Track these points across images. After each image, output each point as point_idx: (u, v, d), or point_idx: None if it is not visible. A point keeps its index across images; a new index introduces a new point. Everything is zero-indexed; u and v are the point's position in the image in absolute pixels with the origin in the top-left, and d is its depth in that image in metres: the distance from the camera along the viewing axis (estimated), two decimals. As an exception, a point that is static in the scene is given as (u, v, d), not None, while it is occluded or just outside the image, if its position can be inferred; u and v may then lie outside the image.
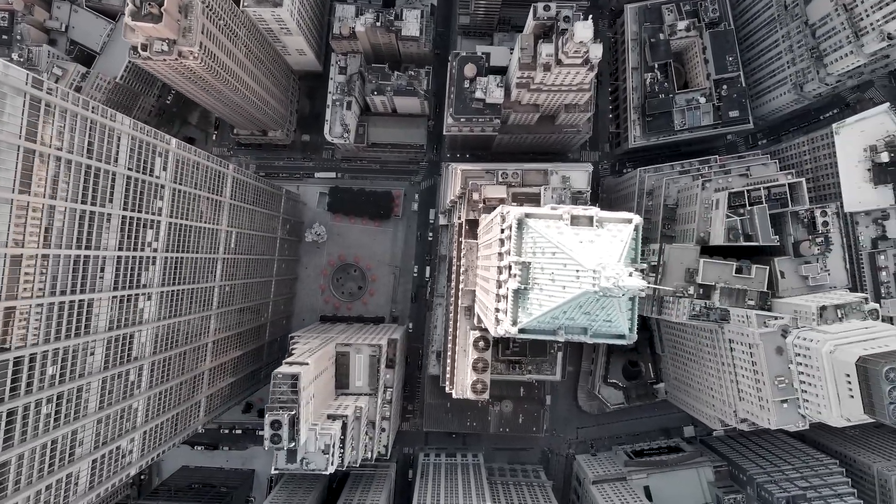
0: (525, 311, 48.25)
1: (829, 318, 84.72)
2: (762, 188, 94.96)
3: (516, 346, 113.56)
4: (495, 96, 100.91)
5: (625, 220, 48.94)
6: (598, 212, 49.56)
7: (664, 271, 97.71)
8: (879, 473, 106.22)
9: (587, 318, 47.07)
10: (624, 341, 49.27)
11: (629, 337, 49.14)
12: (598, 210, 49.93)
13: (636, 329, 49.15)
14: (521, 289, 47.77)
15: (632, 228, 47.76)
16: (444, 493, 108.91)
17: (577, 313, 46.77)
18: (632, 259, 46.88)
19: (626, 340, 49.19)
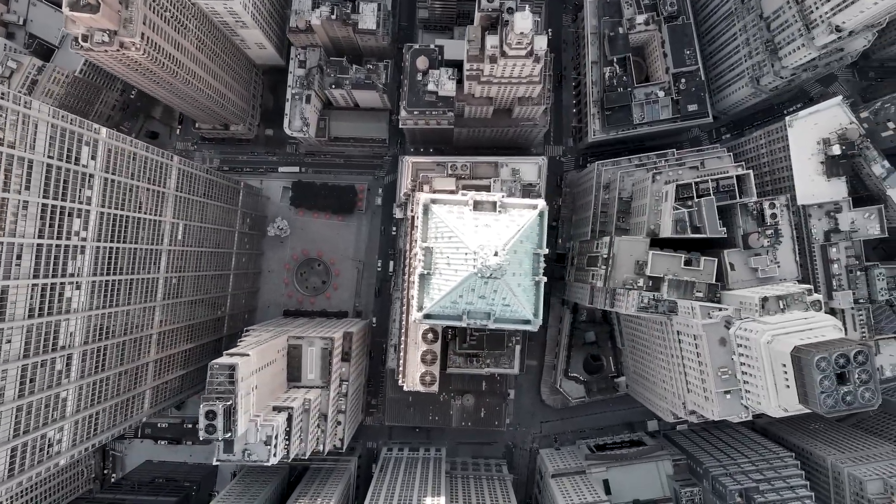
0: (429, 296, 48.22)
1: (771, 308, 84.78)
2: (709, 180, 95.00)
3: (473, 340, 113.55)
4: (447, 89, 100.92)
5: (530, 205, 48.91)
6: (503, 197, 49.54)
7: (614, 263, 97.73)
8: (833, 466, 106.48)
9: (485, 303, 47.04)
10: (529, 327, 49.15)
11: (534, 322, 49.04)
12: (502, 196, 49.93)
13: (541, 315, 49.09)
14: (424, 274, 47.74)
15: (535, 214, 47.69)
16: (401, 486, 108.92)
17: (474, 297, 46.72)
18: (535, 243, 46.80)
19: (531, 326, 49.09)
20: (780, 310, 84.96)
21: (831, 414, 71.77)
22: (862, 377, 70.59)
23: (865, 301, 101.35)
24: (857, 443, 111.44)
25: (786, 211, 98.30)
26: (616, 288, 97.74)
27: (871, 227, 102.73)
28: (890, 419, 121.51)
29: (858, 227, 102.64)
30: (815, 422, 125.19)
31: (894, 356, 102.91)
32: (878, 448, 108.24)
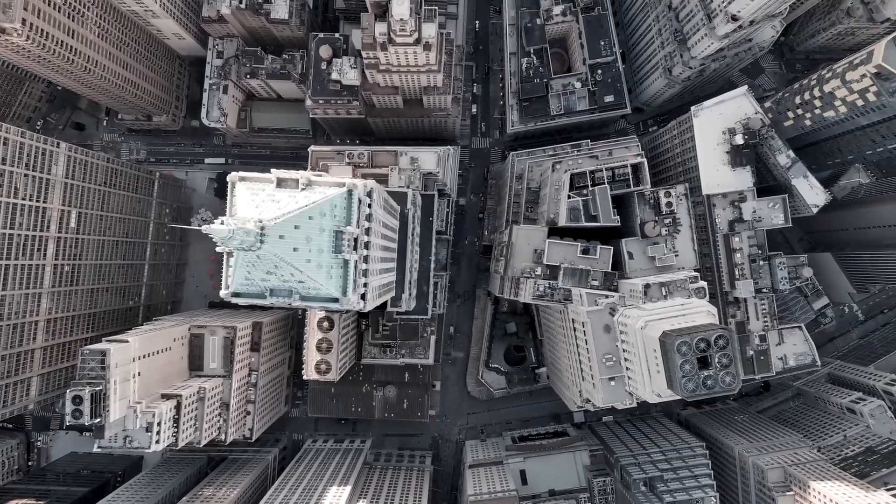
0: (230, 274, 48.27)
1: (654, 295, 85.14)
2: (603, 169, 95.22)
3: (386, 330, 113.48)
4: (350, 77, 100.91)
5: (337, 184, 49.05)
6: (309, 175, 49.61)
7: (512, 252, 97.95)
8: (740, 456, 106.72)
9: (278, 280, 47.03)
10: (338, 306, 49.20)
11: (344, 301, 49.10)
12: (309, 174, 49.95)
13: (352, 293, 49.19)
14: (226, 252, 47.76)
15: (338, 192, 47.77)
16: (311, 476, 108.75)
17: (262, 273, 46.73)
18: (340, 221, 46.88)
19: (339, 305, 49.13)
20: (663, 296, 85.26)
21: (693, 398, 72.01)
22: (723, 361, 70.87)
23: (768, 290, 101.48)
24: (768, 433, 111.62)
25: (684, 200, 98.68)
26: (514, 276, 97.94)
27: (775, 216, 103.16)
28: (808, 410, 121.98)
29: (763, 217, 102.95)
30: (739, 414, 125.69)
31: (797, 345, 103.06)
32: (785, 438, 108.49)
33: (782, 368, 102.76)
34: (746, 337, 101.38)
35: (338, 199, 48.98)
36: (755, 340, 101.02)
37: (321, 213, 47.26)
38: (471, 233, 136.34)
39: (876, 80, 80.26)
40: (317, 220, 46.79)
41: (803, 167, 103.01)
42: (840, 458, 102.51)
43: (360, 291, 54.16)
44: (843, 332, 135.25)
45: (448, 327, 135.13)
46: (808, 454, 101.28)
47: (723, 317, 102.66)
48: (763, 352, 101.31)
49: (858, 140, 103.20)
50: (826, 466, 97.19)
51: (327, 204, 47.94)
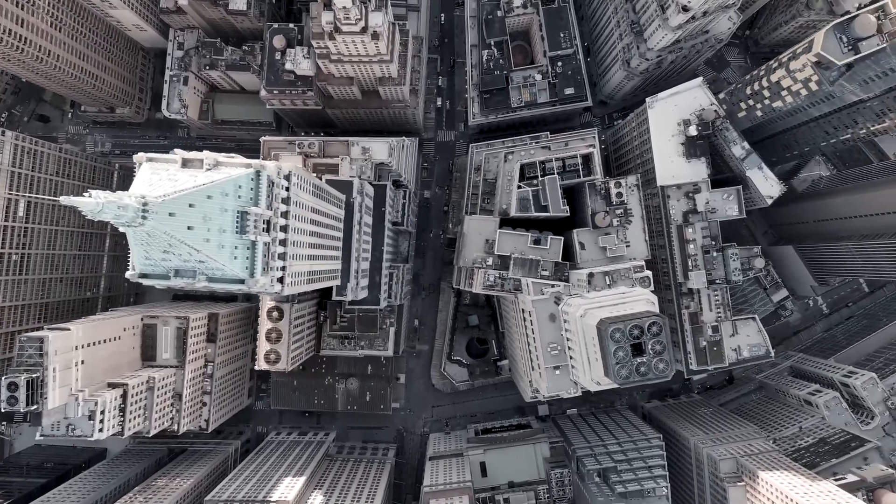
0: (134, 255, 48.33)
1: (598, 284, 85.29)
2: (554, 159, 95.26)
3: (344, 321, 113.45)
4: (303, 68, 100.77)
5: (244, 164, 49.14)
6: (218, 156, 49.69)
7: (464, 242, 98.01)
8: (695, 447, 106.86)
9: (179, 259, 46.91)
10: (244, 287, 49.30)
11: (249, 283, 49.17)
12: (218, 155, 50.03)
13: (259, 273, 49.25)
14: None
15: (242, 172, 47.83)
16: (269, 467, 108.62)
17: (160, 253, 46.67)
18: (246, 201, 46.94)
19: (245, 287, 49.23)
20: (607, 285, 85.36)
21: (627, 384, 72.20)
22: (656, 348, 71.01)
23: (722, 281, 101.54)
24: (726, 425, 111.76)
25: (636, 190, 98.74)
26: (466, 266, 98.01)
27: (729, 207, 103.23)
28: (768, 403, 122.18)
29: (717, 208, 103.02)
30: (703, 407, 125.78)
31: (751, 336, 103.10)
32: (741, 429, 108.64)
33: (736, 359, 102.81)
34: (700, 328, 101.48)
35: (243, 179, 48.98)
36: (708, 331, 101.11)
37: (223, 192, 47.23)
38: (436, 225, 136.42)
39: (816, 69, 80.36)
40: (217, 199, 46.75)
41: (758, 158, 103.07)
42: (794, 449, 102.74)
43: (274, 275, 54.17)
44: (807, 325, 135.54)
45: (413, 320, 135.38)
46: (762, 445, 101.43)
47: (676, 308, 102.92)
48: (716, 342, 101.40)
49: (813, 132, 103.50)
50: (777, 457, 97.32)
51: (230, 184, 47.94)
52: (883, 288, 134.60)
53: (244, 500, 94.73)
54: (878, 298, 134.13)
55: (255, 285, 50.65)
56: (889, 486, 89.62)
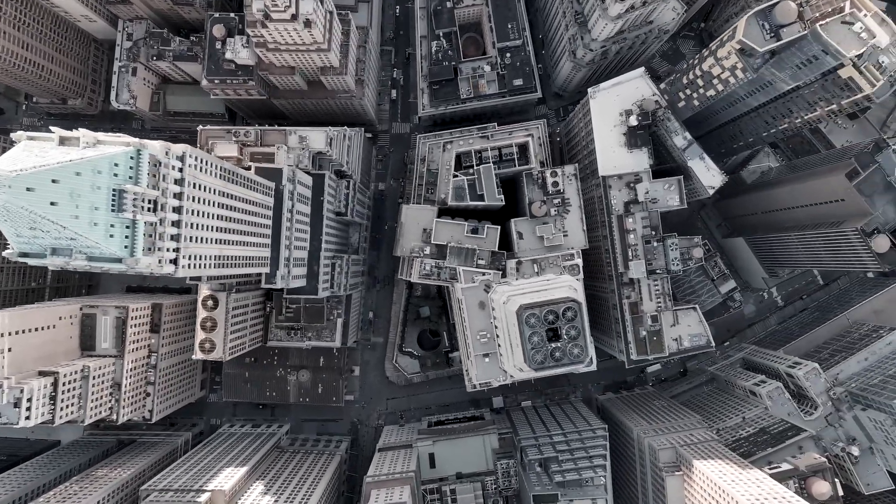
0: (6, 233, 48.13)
1: (526, 272, 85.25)
2: (489, 148, 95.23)
3: (290, 312, 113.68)
4: (242, 57, 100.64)
5: (123, 142, 49.05)
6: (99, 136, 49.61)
7: (401, 231, 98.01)
8: (638, 438, 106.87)
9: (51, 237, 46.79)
10: (122, 266, 49.21)
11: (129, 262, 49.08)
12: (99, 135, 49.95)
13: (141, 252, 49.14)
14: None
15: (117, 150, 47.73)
16: (210, 459, 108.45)
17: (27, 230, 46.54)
18: (122, 179, 46.86)
19: (123, 266, 49.13)
20: (535, 273, 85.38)
21: (542, 370, 72.14)
22: (570, 333, 71.07)
23: (662, 271, 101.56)
24: (673, 416, 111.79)
25: (574, 180, 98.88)
26: (404, 255, 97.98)
27: (670, 198, 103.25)
28: (718, 394, 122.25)
29: (658, 199, 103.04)
30: (656, 399, 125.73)
31: (692, 326, 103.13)
32: (686, 420, 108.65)
33: (677, 349, 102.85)
34: (640, 318, 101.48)
35: (120, 157, 48.82)
36: (648, 321, 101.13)
37: (94, 169, 47.05)
38: (391, 217, 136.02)
39: (740, 56, 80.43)
40: (88, 176, 46.58)
41: (699, 149, 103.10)
42: (734, 438, 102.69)
43: (164, 256, 53.96)
44: (762, 317, 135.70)
45: (368, 312, 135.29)
46: (703, 435, 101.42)
47: (618, 298, 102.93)
48: (656, 332, 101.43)
49: (754, 122, 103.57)
50: (716, 447, 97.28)
51: (104, 161, 47.77)
52: (837, 280, 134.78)
53: (179, 490, 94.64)
54: (832, 290, 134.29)
55: (137, 265, 50.54)
56: (821, 474, 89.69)
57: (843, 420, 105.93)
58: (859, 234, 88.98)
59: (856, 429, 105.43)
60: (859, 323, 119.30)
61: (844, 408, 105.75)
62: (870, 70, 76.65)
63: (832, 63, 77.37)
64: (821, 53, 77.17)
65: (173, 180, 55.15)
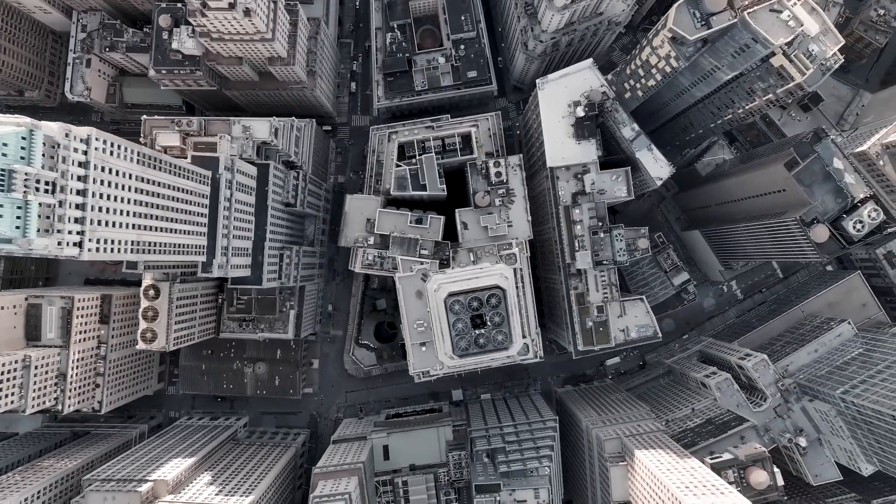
0: None
1: (462, 261, 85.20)
2: (431, 139, 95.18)
3: (241, 303, 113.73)
4: (188, 47, 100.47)
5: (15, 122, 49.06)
6: None
7: (346, 221, 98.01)
8: (587, 429, 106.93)
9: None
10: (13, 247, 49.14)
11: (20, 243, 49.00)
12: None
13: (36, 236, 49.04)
14: None
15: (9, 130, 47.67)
16: (161, 450, 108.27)
17: None
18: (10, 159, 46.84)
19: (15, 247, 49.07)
20: (472, 262, 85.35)
21: (466, 356, 72.05)
22: (495, 320, 71.17)
23: (609, 262, 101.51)
24: (625, 408, 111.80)
25: (518, 171, 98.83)
26: (348, 246, 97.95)
27: (618, 189, 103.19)
28: (672, 386, 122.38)
29: (606, 190, 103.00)
30: (613, 392, 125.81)
31: (639, 317, 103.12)
32: (635, 411, 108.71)
33: (623, 340, 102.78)
34: (586, 308, 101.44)
35: (10, 137, 48.76)
36: (594, 312, 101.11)
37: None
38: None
39: (672, 45, 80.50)
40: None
41: (647, 140, 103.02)
42: (681, 429, 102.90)
43: (66, 238, 53.85)
44: (722, 310, 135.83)
45: (327, 305, 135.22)
46: (650, 426, 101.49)
47: (565, 289, 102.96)
48: (602, 323, 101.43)
49: (702, 113, 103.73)
50: (660, 437, 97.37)
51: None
52: (796, 273, 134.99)
53: (122, 480, 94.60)
54: (791, 283, 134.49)
55: (30, 246, 50.45)
56: (760, 463, 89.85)
57: (792, 411, 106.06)
58: (799, 224, 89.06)
59: (804, 420, 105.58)
60: (813, 315, 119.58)
61: (793, 399, 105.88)
62: (799, 58, 76.80)
63: (763, 51, 77.52)
64: (751, 42, 77.30)
65: (76, 163, 55.14)
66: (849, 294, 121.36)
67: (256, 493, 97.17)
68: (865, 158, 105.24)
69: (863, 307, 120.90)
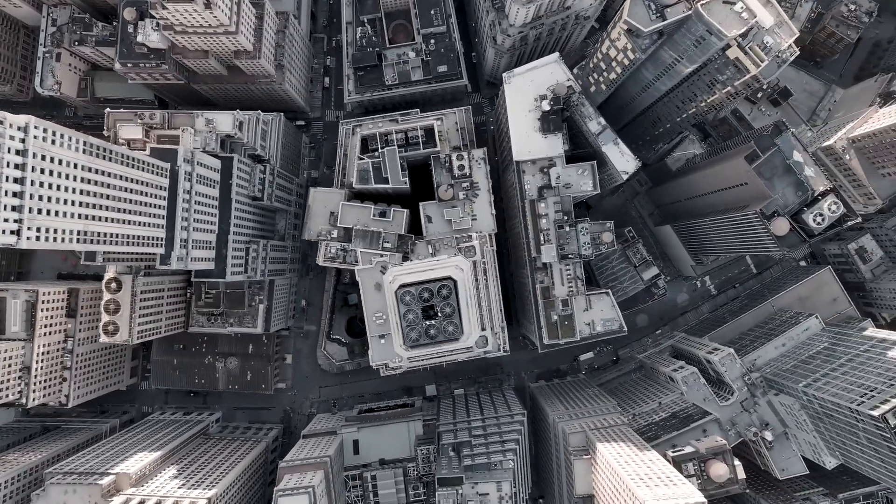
0: None
1: (420, 253, 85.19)
2: (394, 131, 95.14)
3: (210, 297, 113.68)
4: (153, 40, 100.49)
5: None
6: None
7: (309, 214, 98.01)
8: (554, 423, 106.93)
9: None
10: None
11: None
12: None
13: None
14: None
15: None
16: (128, 445, 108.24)
17: None
18: None
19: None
20: (430, 254, 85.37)
21: (417, 346, 72.02)
22: (445, 310, 71.25)
23: (574, 256, 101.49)
24: (593, 402, 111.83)
25: (482, 164, 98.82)
26: (311, 239, 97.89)
27: (584, 183, 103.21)
28: (643, 381, 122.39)
29: (572, 184, 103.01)
30: (587, 388, 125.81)
31: (605, 311, 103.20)
32: (603, 405, 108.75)
33: (589, 334, 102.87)
34: (551, 302, 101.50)
35: None
36: (559, 305, 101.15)
37: None
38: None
39: (628, 37, 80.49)
40: None
41: (612, 134, 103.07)
42: (647, 423, 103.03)
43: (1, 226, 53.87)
44: (695, 305, 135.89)
45: (300, 300, 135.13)
46: (614, 420, 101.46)
47: (531, 283, 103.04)
48: (567, 317, 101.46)
49: (667, 107, 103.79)
50: (624, 431, 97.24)
51: None
52: (770, 268, 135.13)
53: (84, 473, 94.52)
54: (764, 279, 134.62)
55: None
56: (721, 456, 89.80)
57: (758, 405, 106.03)
58: (759, 217, 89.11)
59: (770, 414, 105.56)
60: (783, 310, 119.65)
61: (759, 393, 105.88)
62: (754, 50, 76.86)
63: (718, 43, 77.56)
64: (706, 34, 77.38)
65: (13, 150, 55.15)
66: (819, 289, 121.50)
67: (220, 487, 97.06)
68: (832, 153, 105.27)
69: (833, 301, 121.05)
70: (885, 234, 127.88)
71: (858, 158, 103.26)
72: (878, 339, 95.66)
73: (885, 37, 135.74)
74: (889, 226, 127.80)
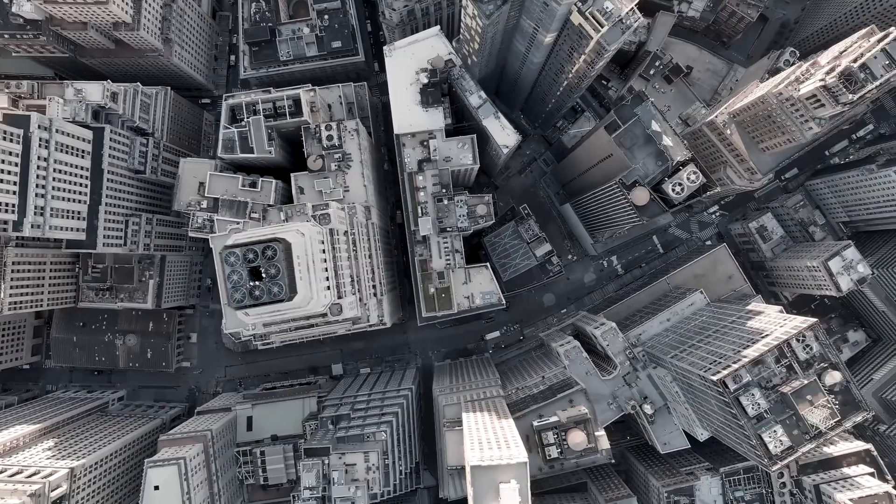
0: None
1: (272, 219, 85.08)
2: (259, 102, 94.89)
3: (96, 272, 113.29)
4: (26, 10, 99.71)
5: None
6: None
7: (179, 185, 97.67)
8: (436, 397, 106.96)
9: None
10: None
11: None
12: None
13: None
14: None
15: None
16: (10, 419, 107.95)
17: None
18: None
19: None
20: (283, 220, 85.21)
21: (241, 307, 71.83)
22: (270, 272, 70.94)
23: (453, 229, 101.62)
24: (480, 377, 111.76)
25: (356, 136, 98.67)
26: (180, 210, 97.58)
27: (464, 156, 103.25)
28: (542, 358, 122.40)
29: (452, 157, 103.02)
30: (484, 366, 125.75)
31: (483, 284, 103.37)
32: (487, 380, 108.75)
33: (468, 307, 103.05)
34: (429, 274, 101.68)
35: None
36: (436, 278, 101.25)
37: None
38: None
39: (473, 3, 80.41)
40: None
41: (493, 107, 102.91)
42: (525, 396, 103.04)
43: None
44: (602, 285, 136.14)
45: (206, 279, 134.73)
46: (490, 392, 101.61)
47: (410, 255, 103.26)
48: (445, 289, 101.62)
49: (547, 81, 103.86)
50: (494, 403, 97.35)
51: None
52: (675, 248, 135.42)
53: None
54: (669, 259, 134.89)
55: None
56: (582, 425, 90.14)
57: (639, 379, 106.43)
58: (619, 187, 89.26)
59: (650, 388, 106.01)
60: (677, 287, 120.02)
61: (640, 367, 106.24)
62: (594, 15, 76.88)
63: (557, 7, 77.52)
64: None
65: None
66: (714, 266, 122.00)
67: (90, 459, 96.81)
68: (715, 128, 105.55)
69: (729, 279, 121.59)
70: (787, 213, 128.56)
71: (739, 133, 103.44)
72: (744, 312, 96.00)
73: (792, 17, 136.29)
74: (790, 205, 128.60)
